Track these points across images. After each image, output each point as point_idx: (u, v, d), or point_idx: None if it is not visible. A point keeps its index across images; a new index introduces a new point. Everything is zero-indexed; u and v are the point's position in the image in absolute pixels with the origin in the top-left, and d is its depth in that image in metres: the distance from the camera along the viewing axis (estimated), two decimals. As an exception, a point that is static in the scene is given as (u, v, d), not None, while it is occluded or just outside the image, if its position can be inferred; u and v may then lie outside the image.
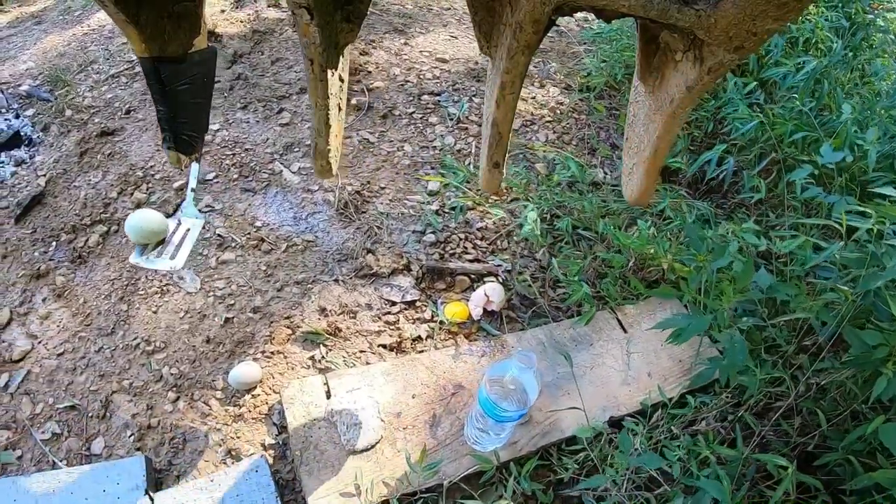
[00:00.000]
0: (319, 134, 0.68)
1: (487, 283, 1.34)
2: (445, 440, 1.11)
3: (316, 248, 1.45)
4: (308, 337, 1.28)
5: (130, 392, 1.23)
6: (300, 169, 1.68)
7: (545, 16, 0.53)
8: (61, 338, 1.35)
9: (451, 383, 1.19)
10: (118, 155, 1.80)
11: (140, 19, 0.62)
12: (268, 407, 1.18)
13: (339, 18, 0.61)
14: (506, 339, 1.28)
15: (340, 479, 1.03)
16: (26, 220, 1.65)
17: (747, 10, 0.46)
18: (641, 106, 0.71)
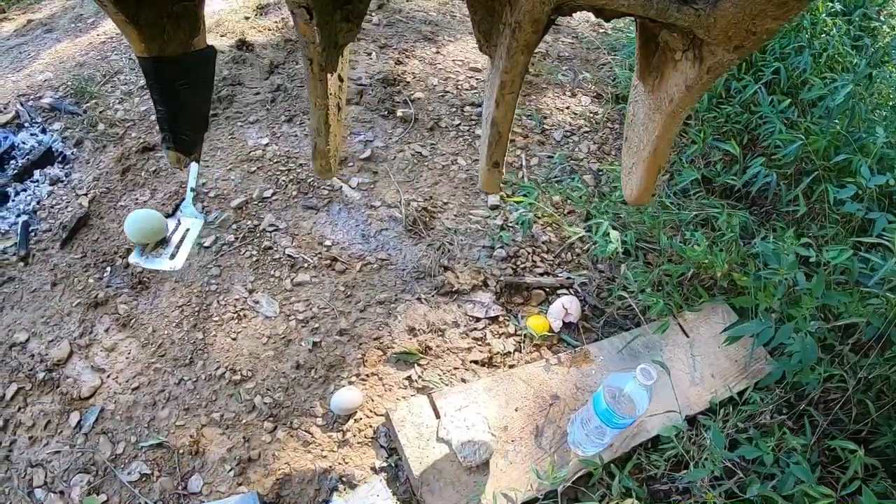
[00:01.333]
0: (319, 133, 0.64)
1: (563, 296, 1.26)
2: (551, 448, 1.06)
3: (391, 267, 1.32)
4: (401, 357, 1.16)
5: (222, 425, 1.08)
6: (359, 184, 1.52)
7: (544, 15, 0.49)
8: (133, 370, 1.17)
9: (548, 394, 1.12)
10: (164, 172, 1.58)
11: (140, 19, 0.57)
12: (372, 430, 1.07)
13: (339, 18, 0.57)
14: (588, 348, 1.21)
15: (462, 494, 0.98)
16: (73, 244, 1.42)
17: (747, 10, 0.43)
18: (641, 105, 0.66)
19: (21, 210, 1.58)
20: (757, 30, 0.45)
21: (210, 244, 1.36)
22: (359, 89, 1.84)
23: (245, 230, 1.39)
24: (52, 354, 1.21)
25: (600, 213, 1.38)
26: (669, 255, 1.33)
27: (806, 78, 1.47)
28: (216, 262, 1.33)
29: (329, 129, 0.64)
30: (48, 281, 1.35)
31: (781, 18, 0.44)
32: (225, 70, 1.90)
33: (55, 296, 1.32)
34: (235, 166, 1.57)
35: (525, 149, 1.67)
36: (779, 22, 0.44)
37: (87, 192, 1.55)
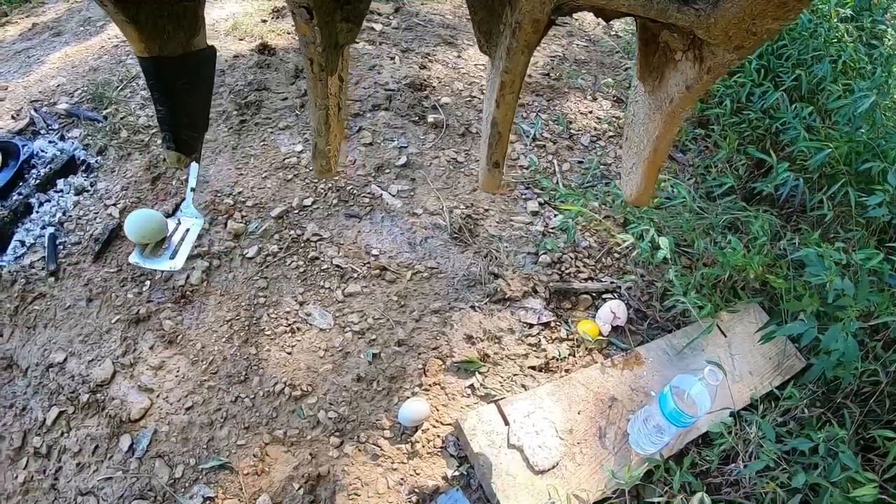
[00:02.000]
0: (319, 134, 0.61)
1: (610, 300, 1.23)
2: (614, 448, 1.04)
3: (441, 276, 1.25)
4: (462, 366, 1.11)
5: (286, 442, 1.00)
6: (399, 192, 1.45)
7: (545, 15, 0.47)
8: (184, 389, 1.08)
9: (606, 396, 1.09)
10: (198, 181, 1.46)
11: (139, 19, 0.55)
12: (440, 440, 1.01)
13: (339, 18, 0.55)
14: (638, 351, 1.18)
15: (537, 498, 0.96)
16: (106, 257, 1.30)
17: (747, 10, 0.41)
18: (641, 105, 0.64)
19: (46, 222, 1.44)
20: (757, 30, 0.43)
21: (254, 255, 1.27)
22: (387, 94, 1.75)
23: (288, 240, 1.30)
24: (95, 375, 1.10)
25: (638, 218, 1.35)
26: (704, 258, 1.31)
27: (824, 85, 1.46)
28: (261, 273, 1.25)
29: (329, 130, 0.62)
30: (83, 297, 1.24)
31: (782, 19, 0.42)
32: (249, 75, 1.78)
33: (92, 312, 1.21)
34: (270, 174, 1.47)
35: (556, 154, 1.63)
36: (779, 22, 0.42)
37: (115, 202, 1.43)
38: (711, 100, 1.65)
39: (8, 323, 1.22)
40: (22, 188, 1.49)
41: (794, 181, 1.36)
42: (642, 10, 0.46)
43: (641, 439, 1.04)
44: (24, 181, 1.51)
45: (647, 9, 0.45)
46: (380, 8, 2.25)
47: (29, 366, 1.15)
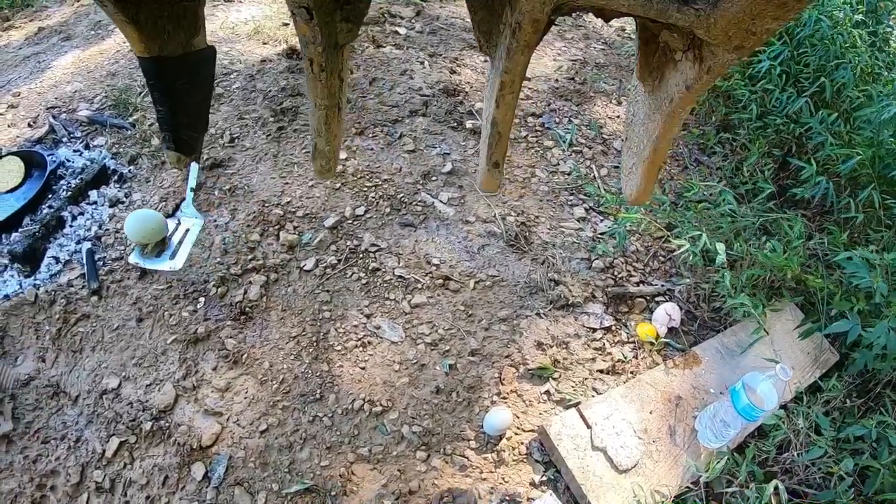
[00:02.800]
0: (319, 134, 0.59)
1: (664, 303, 1.21)
2: (685, 445, 1.03)
3: (504, 284, 1.19)
4: (536, 373, 1.05)
5: (371, 460, 0.93)
6: (450, 199, 1.37)
7: (544, 15, 0.46)
8: (256, 411, 0.98)
9: (672, 395, 1.07)
10: (241, 190, 1.34)
11: (139, 19, 0.53)
12: (524, 446, 0.96)
13: (339, 18, 0.53)
14: (694, 350, 1.17)
15: (623, 496, 0.94)
16: (153, 274, 1.18)
17: (747, 10, 0.40)
18: (641, 105, 0.62)
19: (81, 236, 1.29)
20: (757, 30, 0.42)
21: (312, 267, 1.18)
22: (423, 100, 1.66)
23: (346, 251, 1.21)
24: (156, 400, 0.99)
25: (680, 222, 1.33)
26: (747, 259, 1.30)
27: (846, 92, 1.46)
28: (322, 286, 1.15)
29: (329, 130, 0.59)
30: (132, 317, 1.11)
31: (781, 18, 0.40)
32: (282, 80, 1.65)
33: (143, 333, 1.09)
34: (317, 182, 1.37)
35: (593, 159, 1.58)
36: (779, 22, 0.41)
37: (155, 214, 1.29)
38: (737, 105, 1.64)
39: (51, 347, 1.09)
40: (52, 201, 1.32)
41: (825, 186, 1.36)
42: (642, 10, 0.44)
43: (709, 435, 1.03)
44: (53, 193, 1.35)
45: (647, 9, 0.44)
46: (402, 12, 2.13)
47: (79, 393, 1.02)
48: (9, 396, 1.03)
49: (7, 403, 1.02)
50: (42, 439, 0.98)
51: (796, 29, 1.55)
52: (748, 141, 1.57)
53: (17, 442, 0.97)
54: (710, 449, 1.03)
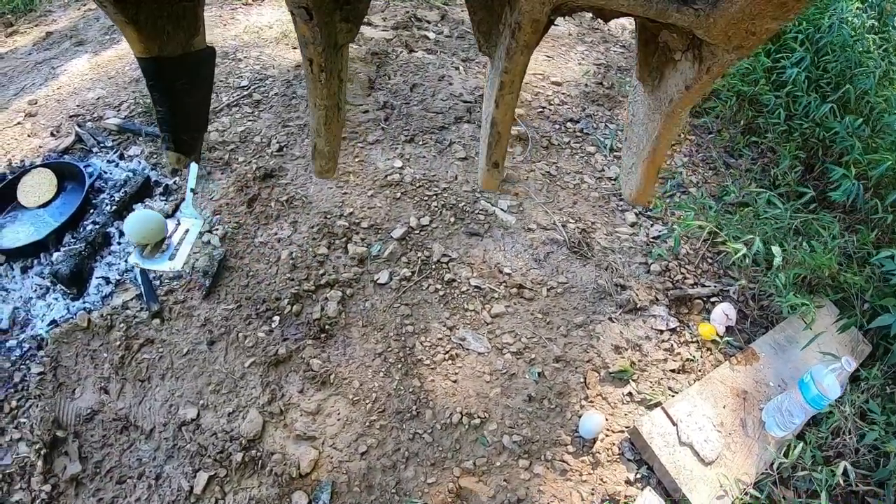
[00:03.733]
0: (319, 134, 0.58)
1: (720, 303, 1.24)
2: (755, 435, 1.08)
3: (574, 290, 1.19)
4: (616, 375, 1.06)
5: (476, 472, 0.90)
6: (509, 207, 1.35)
7: (544, 16, 0.45)
8: (352, 433, 0.93)
9: (739, 390, 1.11)
10: (298, 201, 1.27)
11: (139, 19, 0.52)
12: (617, 447, 0.97)
13: (339, 18, 0.53)
14: (752, 347, 1.21)
15: (710, 486, 0.98)
16: (219, 293, 1.10)
17: (747, 10, 0.40)
18: (641, 105, 0.62)
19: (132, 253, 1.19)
20: (756, 30, 0.41)
21: (386, 281, 1.13)
22: (466, 106, 1.62)
23: (418, 263, 1.17)
24: (243, 429, 0.92)
25: (726, 225, 1.37)
26: (790, 260, 1.35)
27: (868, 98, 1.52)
28: (400, 299, 1.11)
29: (329, 130, 0.58)
30: (202, 340, 1.03)
31: (781, 19, 0.40)
32: (323, 87, 1.56)
33: (217, 357, 1.01)
34: (377, 192, 1.31)
35: (633, 164, 1.60)
36: (778, 22, 0.40)
37: (210, 228, 1.21)
38: (763, 109, 1.69)
39: (113, 377, 0.99)
40: (94, 216, 1.21)
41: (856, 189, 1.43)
42: (642, 10, 0.43)
43: (775, 425, 1.08)
44: (94, 208, 1.23)
45: (647, 9, 0.43)
46: (427, 16, 2.07)
47: (153, 426, 0.94)
48: (72, 434, 0.94)
49: (72, 442, 0.93)
50: (117, 479, 0.89)
51: (816, 35, 1.61)
52: (775, 144, 1.63)
53: (87, 484, 0.89)
54: (777, 438, 1.08)
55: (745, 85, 1.70)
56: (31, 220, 1.28)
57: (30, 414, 0.96)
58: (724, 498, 0.96)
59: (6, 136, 1.39)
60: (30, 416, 0.96)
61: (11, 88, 1.50)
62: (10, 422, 0.98)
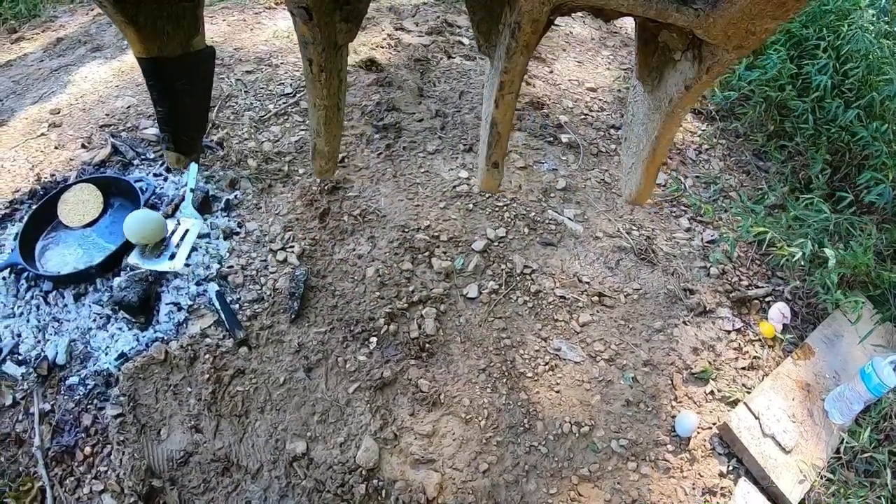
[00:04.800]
0: (318, 134, 0.61)
1: (775, 303, 1.40)
2: (821, 423, 1.24)
3: (648, 296, 1.30)
4: (698, 376, 1.18)
5: (591, 479, 0.99)
6: (575, 216, 1.44)
7: (543, 16, 0.47)
8: (470, 452, 0.98)
9: (803, 383, 1.27)
10: (371, 214, 1.30)
11: (139, 19, 0.55)
12: (708, 442, 1.09)
13: (338, 18, 0.56)
14: (807, 342, 1.37)
15: (792, 473, 1.12)
16: (308, 316, 1.11)
17: (746, 10, 0.41)
18: (641, 105, 0.64)
19: (202, 276, 1.17)
20: (756, 30, 0.43)
21: (476, 295, 1.19)
22: (516, 114, 1.70)
23: (503, 275, 1.24)
24: (359, 458, 0.95)
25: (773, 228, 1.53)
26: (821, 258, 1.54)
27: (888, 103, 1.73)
28: (493, 313, 1.17)
29: (329, 130, 0.61)
30: (298, 367, 1.04)
31: (780, 18, 0.42)
32: (373, 94, 1.59)
33: (317, 384, 1.03)
34: (448, 204, 1.36)
35: (676, 170, 1.74)
36: (778, 22, 0.42)
37: (283, 245, 1.21)
38: (790, 114, 1.89)
39: (206, 414, 0.98)
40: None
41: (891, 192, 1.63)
42: (641, 10, 0.45)
43: (837, 413, 1.24)
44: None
45: (647, 9, 0.45)
46: (457, 20, 2.12)
47: (260, 465, 0.94)
48: (167, 481, 0.92)
49: (170, 490, 0.91)
50: (228, 521, 0.90)
51: (837, 41, 1.81)
52: (804, 149, 1.83)
53: (197, 529, 0.89)
54: (839, 425, 1.24)
55: (773, 90, 1.90)
56: (78, 241, 1.23)
57: (111, 462, 0.94)
58: (805, 482, 1.11)
59: (31, 149, 1.32)
60: (111, 464, 0.94)
61: (28, 97, 1.42)
62: (86, 471, 0.95)
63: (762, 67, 1.91)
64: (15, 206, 1.26)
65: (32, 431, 1.01)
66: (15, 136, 1.33)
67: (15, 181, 1.28)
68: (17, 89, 1.44)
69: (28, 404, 1.05)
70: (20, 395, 1.07)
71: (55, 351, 1.12)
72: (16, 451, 1.01)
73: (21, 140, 1.33)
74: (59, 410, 1.03)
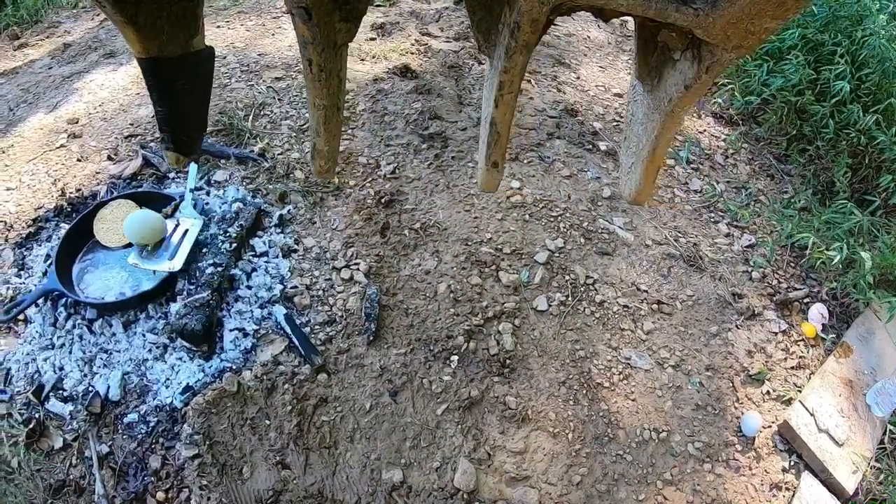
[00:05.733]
0: (318, 134, 0.64)
1: (814, 304, 1.57)
2: (865, 416, 1.41)
3: (701, 302, 1.43)
4: (755, 377, 1.32)
5: (673, 482, 1.09)
6: (624, 224, 1.55)
7: (543, 15, 0.50)
8: (561, 465, 1.07)
9: (846, 379, 1.44)
10: (432, 228, 1.35)
11: (138, 20, 0.59)
12: (770, 440, 1.23)
13: (338, 18, 0.58)
14: (845, 340, 1.56)
15: (846, 464, 1.28)
16: (385, 337, 1.15)
17: (746, 10, 0.44)
18: (640, 105, 0.67)
19: (265, 298, 1.18)
20: (756, 29, 0.45)
21: (546, 307, 1.27)
22: (555, 122, 1.80)
23: (568, 286, 1.33)
24: (458, 482, 1.00)
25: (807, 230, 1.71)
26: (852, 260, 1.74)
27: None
28: (563, 325, 1.26)
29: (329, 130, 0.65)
30: (383, 392, 1.09)
31: (780, 18, 0.44)
32: (415, 102, 1.64)
33: (405, 408, 1.08)
34: (505, 215, 1.44)
35: (709, 175, 1.90)
36: (777, 21, 0.45)
37: (348, 262, 1.25)
38: (810, 119, 2.09)
39: (294, 448, 1.01)
40: (212, 257, 1.17)
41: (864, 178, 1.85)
42: (641, 9, 0.47)
43: (877, 407, 1.42)
44: (205, 246, 1.19)
45: (646, 8, 0.47)
46: (481, 18, 2.20)
47: (358, 497, 0.98)
48: None
49: None
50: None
51: (853, 47, 2.03)
52: (824, 152, 2.03)
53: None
54: (880, 417, 1.42)
55: (791, 95, 2.10)
56: (119, 263, 1.21)
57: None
58: (857, 472, 1.27)
59: (51, 162, 1.28)
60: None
61: (40, 106, 1.36)
62: (162, 518, 0.95)
63: (781, 72, 2.11)
64: (40, 225, 1.22)
65: (92, 477, 1.00)
66: (31, 147, 1.29)
67: (37, 197, 1.24)
68: (28, 97, 1.38)
69: (82, 446, 1.04)
70: (71, 437, 1.05)
71: (107, 385, 1.11)
72: (76, 500, 0.99)
73: (39, 152, 1.28)
74: (121, 452, 1.02)
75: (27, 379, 1.10)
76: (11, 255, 1.18)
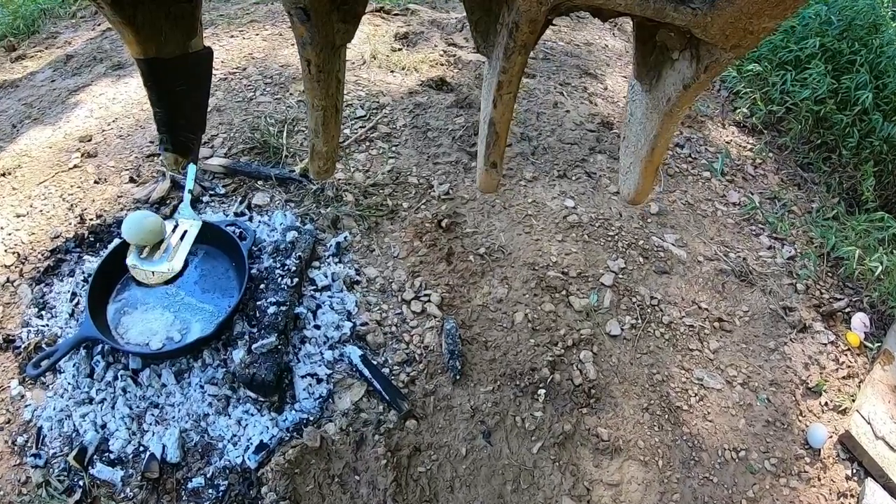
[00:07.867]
0: (317, 135, 0.71)
1: (856, 313, 1.88)
2: None
3: (756, 317, 1.67)
4: (814, 389, 1.57)
5: (757, 500, 1.30)
6: (676, 241, 1.77)
7: (542, 15, 0.55)
8: (654, 493, 1.24)
9: (891, 386, 1.74)
10: (497, 253, 1.49)
11: (136, 21, 0.65)
12: (833, 449, 1.47)
13: (336, 19, 0.65)
14: (886, 348, 1.87)
15: None
16: (468, 373, 1.27)
17: (744, 9, 0.48)
18: (639, 105, 0.73)
19: (335, 339, 1.26)
20: (754, 29, 0.50)
21: (618, 332, 1.45)
22: (595, 136, 2.00)
23: (636, 308, 1.51)
24: None
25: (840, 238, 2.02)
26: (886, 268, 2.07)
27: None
28: (637, 349, 1.44)
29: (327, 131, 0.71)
30: (476, 434, 1.22)
31: (779, 17, 0.48)
32: (457, 117, 1.77)
33: (500, 449, 1.21)
34: (565, 236, 1.61)
35: (742, 188, 2.18)
36: (776, 21, 0.49)
37: (417, 294, 1.36)
38: (832, 127, 2.45)
39: None
40: (273, 294, 1.23)
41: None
42: (639, 9, 0.52)
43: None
44: (263, 282, 1.25)
45: (644, 8, 0.52)
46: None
47: None
48: None
49: None
50: None
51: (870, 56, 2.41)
52: (846, 161, 2.39)
53: None
54: None
55: (814, 105, 2.45)
56: (161, 301, 1.24)
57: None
58: (921, 479, 1.56)
59: (65, 184, 1.29)
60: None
61: (46, 122, 1.36)
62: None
63: (802, 81, 2.47)
64: (59, 257, 1.23)
65: (159, 549, 1.04)
66: (41, 168, 1.30)
67: (52, 224, 1.25)
68: (32, 113, 1.37)
69: (143, 517, 1.07)
70: (127, 506, 1.08)
71: (162, 445, 1.14)
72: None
73: (50, 173, 1.30)
74: (190, 519, 1.07)
75: (63, 439, 1.12)
76: (29, 293, 1.19)
